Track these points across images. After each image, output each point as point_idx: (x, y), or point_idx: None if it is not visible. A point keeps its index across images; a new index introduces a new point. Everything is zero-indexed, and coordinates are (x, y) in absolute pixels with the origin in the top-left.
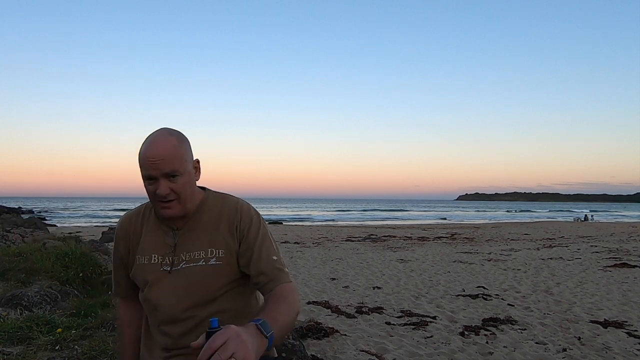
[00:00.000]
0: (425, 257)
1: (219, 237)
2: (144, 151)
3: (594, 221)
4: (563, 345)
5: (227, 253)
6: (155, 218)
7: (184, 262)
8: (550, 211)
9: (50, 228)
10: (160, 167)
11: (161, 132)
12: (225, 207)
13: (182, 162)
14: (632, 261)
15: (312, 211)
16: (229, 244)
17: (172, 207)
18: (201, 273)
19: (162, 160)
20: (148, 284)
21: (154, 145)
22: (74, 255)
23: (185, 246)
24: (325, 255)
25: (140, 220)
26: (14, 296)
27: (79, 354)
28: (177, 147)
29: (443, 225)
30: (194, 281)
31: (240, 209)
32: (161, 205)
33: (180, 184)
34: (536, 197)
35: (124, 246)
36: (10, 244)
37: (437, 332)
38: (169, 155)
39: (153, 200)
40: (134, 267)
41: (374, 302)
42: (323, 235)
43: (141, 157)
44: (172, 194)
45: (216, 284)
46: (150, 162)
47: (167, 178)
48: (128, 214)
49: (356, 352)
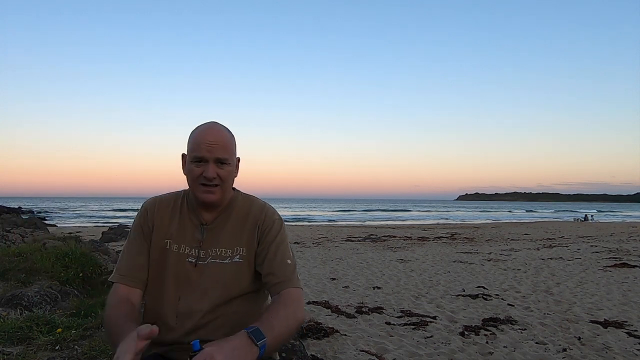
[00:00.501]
0: (425, 257)
1: (243, 236)
2: (201, 134)
3: (594, 221)
4: (563, 345)
5: (248, 252)
6: (186, 209)
7: (210, 257)
8: (557, 211)
9: (50, 228)
10: (214, 151)
11: (216, 124)
12: (253, 208)
13: (232, 153)
14: (632, 261)
15: (311, 211)
16: (251, 242)
17: (214, 192)
18: (225, 270)
19: (217, 145)
20: (171, 273)
21: (212, 132)
22: (74, 255)
23: (212, 242)
24: (325, 255)
25: (172, 207)
26: (14, 296)
27: (79, 354)
28: (231, 139)
29: (443, 225)
30: (217, 278)
31: (265, 211)
32: (204, 189)
33: (227, 171)
34: (536, 197)
35: (150, 227)
36: (10, 244)
37: (437, 332)
38: (225, 143)
39: (195, 183)
40: (158, 251)
41: (374, 302)
42: (323, 235)
43: (196, 139)
44: (218, 179)
45: (237, 283)
46: (207, 144)
47: (216, 163)
48: (157, 198)
49: (356, 352)
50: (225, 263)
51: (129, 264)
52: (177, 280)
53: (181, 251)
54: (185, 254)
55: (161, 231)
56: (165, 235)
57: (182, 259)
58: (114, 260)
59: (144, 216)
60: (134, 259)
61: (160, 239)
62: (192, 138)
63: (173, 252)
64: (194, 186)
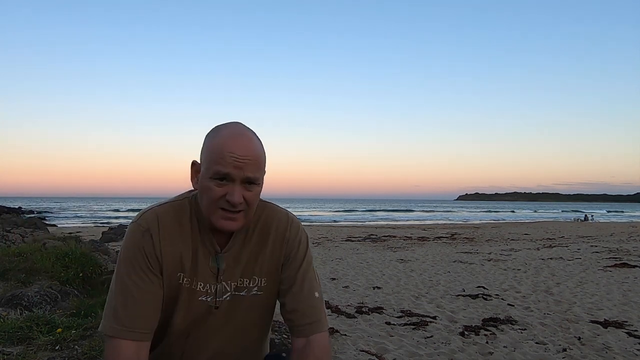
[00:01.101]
0: (425, 257)
1: (264, 261)
2: (227, 144)
3: (594, 221)
4: (563, 345)
5: (268, 282)
6: (197, 230)
7: (229, 293)
8: (563, 211)
9: (50, 228)
10: (244, 169)
11: (246, 130)
12: (275, 223)
13: (263, 170)
14: (632, 261)
15: (311, 211)
16: (273, 270)
17: (237, 220)
18: (243, 306)
19: (249, 162)
20: (181, 310)
21: (242, 142)
22: (74, 255)
23: (230, 273)
24: (325, 255)
25: (178, 226)
26: (14, 296)
27: (79, 354)
28: (263, 152)
29: (443, 225)
30: (235, 318)
31: (291, 226)
32: (225, 215)
33: (255, 193)
34: (536, 197)
35: (157, 257)
36: (10, 244)
37: (437, 332)
38: (257, 157)
39: (213, 206)
40: (168, 289)
41: (374, 302)
42: (323, 235)
43: (220, 149)
44: (243, 204)
45: (252, 319)
46: (236, 160)
47: (243, 184)
48: (156, 212)
49: (356, 352)
50: (242, 296)
51: (137, 312)
52: (187, 319)
53: (193, 287)
54: (199, 291)
55: (173, 261)
56: (178, 266)
57: (195, 297)
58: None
59: (148, 243)
60: (145, 304)
61: (172, 272)
62: (212, 146)
63: (185, 288)
64: (211, 209)
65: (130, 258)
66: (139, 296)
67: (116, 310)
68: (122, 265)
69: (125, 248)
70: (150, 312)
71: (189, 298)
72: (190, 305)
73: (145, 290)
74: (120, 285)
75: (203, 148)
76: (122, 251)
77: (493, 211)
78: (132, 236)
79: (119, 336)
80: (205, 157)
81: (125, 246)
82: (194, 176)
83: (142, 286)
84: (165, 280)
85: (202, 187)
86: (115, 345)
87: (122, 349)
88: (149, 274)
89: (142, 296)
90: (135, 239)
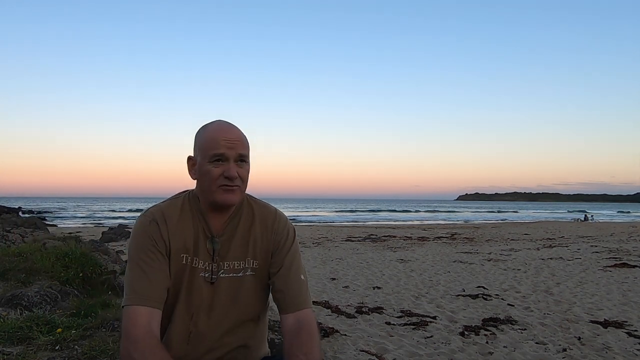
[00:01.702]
0: (425, 257)
1: (256, 245)
2: (217, 132)
3: (594, 221)
4: (563, 345)
5: (260, 264)
6: (196, 217)
7: (223, 271)
8: (569, 211)
9: (50, 228)
10: (236, 148)
11: (229, 123)
12: (264, 214)
13: (249, 151)
14: (632, 261)
15: (311, 211)
16: (264, 253)
17: (235, 192)
18: (239, 285)
19: (238, 142)
20: (185, 290)
21: (230, 129)
22: (74, 255)
23: (224, 254)
24: (325, 255)
25: (179, 215)
26: (14, 296)
27: (79, 354)
28: (246, 137)
29: (443, 225)
30: (232, 294)
31: (279, 219)
32: (225, 188)
33: (246, 170)
34: (536, 197)
35: (164, 242)
36: (10, 244)
37: (437, 332)
38: (243, 139)
39: (214, 184)
40: (175, 268)
41: (374, 302)
42: (323, 235)
43: (213, 137)
44: (238, 179)
45: (251, 299)
46: (227, 141)
47: (236, 162)
48: (160, 207)
49: (356, 352)
50: (239, 277)
51: (148, 283)
52: (190, 298)
53: (194, 265)
54: (199, 268)
55: (178, 245)
56: (182, 249)
57: (196, 274)
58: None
59: (155, 229)
60: (154, 277)
61: (177, 253)
62: (204, 137)
63: (189, 267)
64: (212, 188)
65: (139, 242)
66: (149, 270)
67: (131, 284)
68: (133, 250)
69: (134, 235)
70: (160, 283)
71: (191, 274)
72: (192, 281)
73: (154, 266)
74: (132, 265)
75: (195, 142)
76: (131, 239)
77: (494, 211)
78: (140, 225)
79: (134, 303)
80: (199, 147)
81: (134, 234)
82: (191, 168)
83: (150, 262)
84: (171, 261)
85: (201, 173)
86: (131, 312)
87: (138, 315)
88: (156, 253)
89: (151, 270)
90: (143, 227)
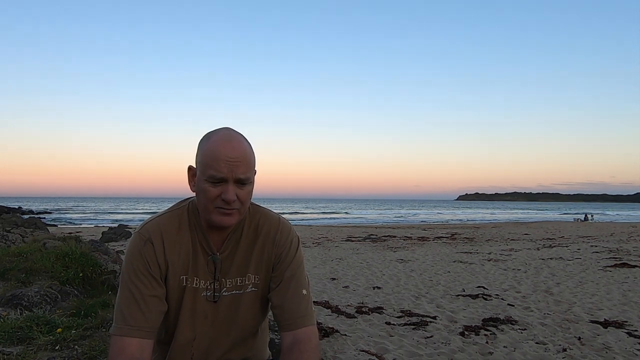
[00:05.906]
0: (425, 257)
1: (257, 260)
2: (218, 148)
3: (594, 221)
4: (563, 345)
5: (262, 280)
6: (195, 234)
7: (225, 289)
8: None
9: (50, 228)
10: (236, 170)
11: (235, 134)
12: (266, 225)
13: (253, 170)
14: (632, 261)
15: (311, 211)
16: (265, 268)
17: (232, 215)
18: (241, 303)
19: (240, 163)
20: (187, 311)
21: (233, 146)
22: (74, 255)
23: (226, 271)
24: (325, 255)
25: (178, 232)
26: (14, 296)
27: (79, 354)
28: (252, 153)
29: (443, 225)
30: (234, 312)
31: (281, 229)
32: (221, 211)
33: (247, 192)
34: (536, 197)
35: (160, 264)
36: (10, 244)
37: (437, 332)
38: (247, 159)
39: (210, 205)
40: (174, 291)
41: (374, 302)
42: (323, 235)
43: (213, 154)
44: (237, 202)
45: (253, 316)
46: (228, 161)
47: (236, 183)
48: (157, 222)
49: (356, 352)
50: (240, 294)
51: (139, 312)
52: (193, 319)
53: (195, 285)
54: (200, 288)
55: (176, 266)
56: (180, 270)
57: (198, 295)
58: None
59: (150, 251)
60: (146, 304)
61: (176, 276)
62: (205, 150)
63: (189, 288)
64: (209, 207)
65: (133, 265)
66: (141, 297)
67: (121, 311)
68: (125, 272)
69: (127, 256)
70: (152, 311)
71: (193, 296)
72: (194, 302)
73: (146, 292)
74: (124, 289)
75: (197, 153)
76: (125, 259)
77: (494, 210)
78: (135, 245)
79: (123, 334)
80: (199, 161)
81: (128, 255)
82: (191, 179)
83: (143, 289)
84: (169, 285)
85: (199, 189)
86: (119, 343)
87: (126, 346)
88: (149, 278)
89: (143, 298)
90: (138, 248)
